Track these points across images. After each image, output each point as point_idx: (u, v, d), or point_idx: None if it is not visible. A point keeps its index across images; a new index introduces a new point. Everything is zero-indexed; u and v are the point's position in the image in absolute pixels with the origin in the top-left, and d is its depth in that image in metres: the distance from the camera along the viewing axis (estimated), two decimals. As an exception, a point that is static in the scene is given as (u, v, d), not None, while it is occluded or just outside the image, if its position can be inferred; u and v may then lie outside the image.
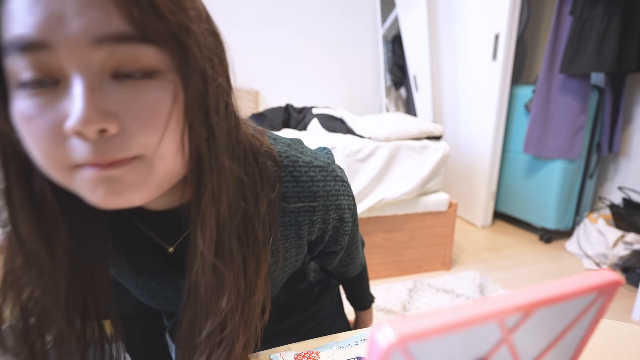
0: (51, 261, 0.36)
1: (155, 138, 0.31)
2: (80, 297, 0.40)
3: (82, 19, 0.28)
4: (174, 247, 0.47)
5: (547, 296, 0.21)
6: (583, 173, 2.28)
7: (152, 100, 0.31)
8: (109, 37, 0.28)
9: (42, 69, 0.29)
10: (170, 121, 0.32)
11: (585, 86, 2.08)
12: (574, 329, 0.26)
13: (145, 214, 0.43)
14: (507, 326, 0.21)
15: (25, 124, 0.30)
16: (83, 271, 0.40)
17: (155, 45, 0.30)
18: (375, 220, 1.76)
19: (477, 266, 2.02)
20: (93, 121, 0.28)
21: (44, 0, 0.27)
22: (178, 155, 0.34)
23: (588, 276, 0.24)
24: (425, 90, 2.78)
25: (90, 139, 0.29)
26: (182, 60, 0.32)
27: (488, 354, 0.22)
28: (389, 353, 0.17)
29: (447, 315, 0.18)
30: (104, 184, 0.31)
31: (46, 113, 0.29)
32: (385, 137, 1.70)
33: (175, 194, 0.41)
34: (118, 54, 0.29)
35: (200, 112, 0.34)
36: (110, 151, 0.30)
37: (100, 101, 0.29)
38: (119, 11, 0.28)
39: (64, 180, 0.32)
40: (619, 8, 1.87)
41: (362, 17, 3.07)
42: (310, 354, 0.55)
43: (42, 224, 0.35)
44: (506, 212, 2.61)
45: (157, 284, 0.49)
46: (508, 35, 2.24)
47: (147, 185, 0.33)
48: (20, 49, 0.28)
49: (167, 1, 0.30)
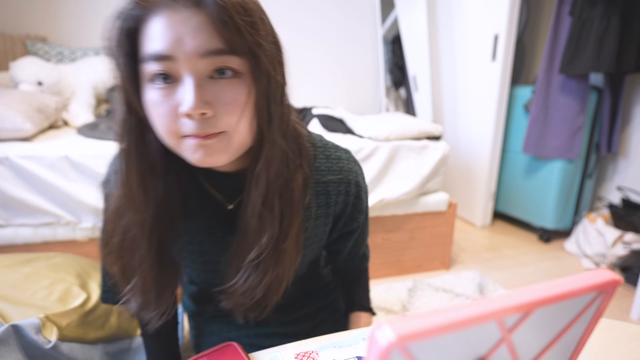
0: (144, 202, 0.51)
1: (235, 119, 0.46)
2: (157, 233, 0.54)
3: (195, 41, 0.43)
4: (233, 205, 0.60)
5: (546, 296, 0.21)
6: (582, 173, 2.28)
7: (234, 94, 0.46)
8: (211, 52, 0.44)
9: (166, 72, 0.44)
10: (245, 108, 0.47)
11: (584, 86, 2.08)
12: (573, 328, 0.26)
13: (216, 175, 0.58)
14: (507, 326, 0.21)
15: (154, 107, 0.46)
16: (163, 218, 0.54)
17: (238, 56, 0.45)
18: (375, 220, 1.77)
19: (477, 266, 2.02)
20: (198, 108, 0.43)
21: (171, 29, 0.43)
22: (248, 132, 0.49)
23: (587, 276, 0.24)
24: (424, 91, 2.78)
25: (195, 119, 0.45)
26: (255, 66, 0.46)
27: (487, 354, 0.22)
28: (388, 352, 0.17)
29: (446, 315, 0.18)
30: (202, 149, 0.47)
31: (167, 101, 0.45)
32: (385, 137, 1.70)
33: (239, 161, 0.55)
34: (215, 62, 0.44)
35: (264, 102, 0.48)
36: (206, 128, 0.45)
37: (202, 94, 0.44)
38: (217, 35, 0.43)
39: (174, 145, 0.48)
40: (618, 9, 1.87)
41: (362, 18, 3.07)
42: (310, 354, 0.56)
43: (145, 176, 0.51)
44: (505, 212, 2.61)
45: (209, 238, 0.62)
46: (507, 36, 2.24)
47: (228, 151, 0.48)
48: (155, 59, 0.44)
49: (247, 26, 0.44)
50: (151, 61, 0.44)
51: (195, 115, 0.44)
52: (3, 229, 1.35)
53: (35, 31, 2.40)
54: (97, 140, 1.48)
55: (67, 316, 0.87)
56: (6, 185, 1.29)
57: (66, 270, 1.03)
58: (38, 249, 1.38)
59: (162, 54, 0.43)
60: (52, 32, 2.44)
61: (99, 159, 1.35)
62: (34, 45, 2.27)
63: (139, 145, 0.50)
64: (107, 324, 0.96)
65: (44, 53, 2.27)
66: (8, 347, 0.76)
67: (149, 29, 0.44)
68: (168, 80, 0.45)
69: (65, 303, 0.90)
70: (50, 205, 1.34)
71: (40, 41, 2.35)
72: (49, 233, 1.39)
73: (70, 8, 2.45)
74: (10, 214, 1.33)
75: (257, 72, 0.46)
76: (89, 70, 2.10)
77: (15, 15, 2.36)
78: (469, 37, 2.51)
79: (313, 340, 0.59)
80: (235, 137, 0.48)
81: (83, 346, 0.87)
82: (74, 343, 0.85)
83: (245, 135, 0.48)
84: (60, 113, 1.78)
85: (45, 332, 0.80)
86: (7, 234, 1.35)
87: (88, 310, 0.93)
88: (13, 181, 1.30)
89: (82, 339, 0.87)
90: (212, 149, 0.47)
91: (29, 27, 2.39)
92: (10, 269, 0.97)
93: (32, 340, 0.78)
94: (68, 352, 0.82)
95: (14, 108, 1.39)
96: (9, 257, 1.06)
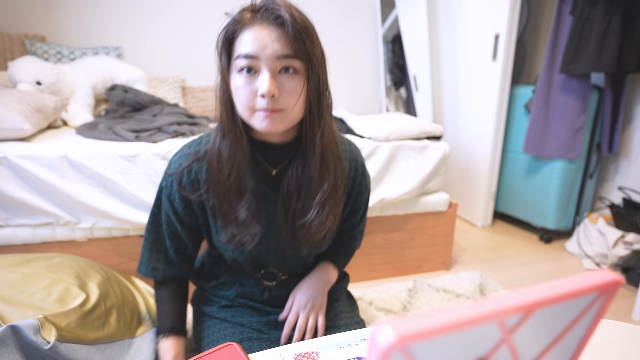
0: (231, 156, 0.74)
1: (292, 102, 0.68)
2: (236, 179, 0.75)
3: (273, 48, 0.65)
4: (277, 171, 0.79)
5: (547, 296, 0.21)
6: (583, 173, 2.28)
7: (293, 85, 0.67)
8: (283, 56, 0.65)
9: (250, 66, 0.66)
10: (300, 96, 0.68)
11: (585, 86, 2.07)
12: (574, 329, 0.26)
13: (267, 146, 0.77)
14: (507, 326, 0.21)
15: (239, 89, 0.68)
16: (240, 168, 0.75)
17: (299, 60, 0.67)
18: (375, 220, 1.76)
19: (477, 266, 2.02)
20: (270, 92, 0.65)
21: (258, 39, 0.65)
22: (300, 112, 0.71)
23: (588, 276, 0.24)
24: (425, 90, 2.78)
25: (267, 98, 0.66)
26: (309, 67, 0.68)
27: (488, 354, 0.22)
28: (389, 353, 0.17)
29: (447, 316, 0.18)
30: (268, 119, 0.68)
31: (249, 85, 0.67)
32: (385, 137, 1.70)
33: (286, 134, 0.77)
34: (283, 63, 0.66)
35: (314, 92, 0.70)
36: (273, 105, 0.67)
37: (274, 83, 0.66)
38: (288, 45, 0.65)
39: (248, 117, 0.70)
40: (619, 8, 1.87)
41: (362, 17, 3.07)
42: (310, 354, 0.55)
43: (238, 136, 0.73)
44: (506, 212, 2.61)
45: (257, 194, 0.78)
46: (508, 35, 2.24)
47: (284, 123, 0.70)
48: (244, 57, 0.66)
49: (307, 41, 0.66)
50: (242, 58, 0.66)
51: (267, 96, 0.65)
52: (2, 229, 1.35)
53: (34, 31, 2.40)
54: (96, 140, 1.48)
55: (66, 317, 0.87)
56: (5, 185, 1.28)
57: (65, 271, 1.02)
58: (37, 249, 1.38)
59: (250, 55, 0.65)
60: (51, 32, 2.45)
61: (97, 159, 1.34)
62: (33, 45, 2.27)
63: (229, 114, 0.72)
64: (107, 325, 0.96)
65: (42, 53, 2.28)
66: (6, 348, 0.76)
67: (243, 37, 0.66)
68: (251, 72, 0.66)
69: (64, 303, 0.90)
70: (49, 206, 1.34)
71: (39, 41, 2.35)
72: (47, 233, 1.38)
73: (69, 8, 2.45)
74: (8, 214, 1.33)
75: (310, 72, 0.68)
76: (87, 70, 2.10)
77: (14, 15, 2.36)
78: (469, 36, 2.51)
79: (313, 341, 0.58)
80: (290, 114, 0.69)
81: (82, 347, 0.86)
82: (73, 344, 0.84)
83: (297, 114, 0.70)
84: (59, 113, 1.78)
85: (44, 332, 0.80)
86: (6, 234, 1.34)
87: (87, 310, 0.92)
88: (12, 181, 1.30)
89: (81, 339, 0.86)
90: (275, 120, 0.68)
91: (27, 26, 2.39)
92: (8, 270, 0.97)
93: (31, 341, 0.77)
94: (67, 353, 0.82)
95: (12, 108, 1.39)
96: (8, 258, 1.06)
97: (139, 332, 1.05)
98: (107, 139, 1.48)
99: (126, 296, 1.12)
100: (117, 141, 1.46)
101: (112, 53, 2.48)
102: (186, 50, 2.72)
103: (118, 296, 1.07)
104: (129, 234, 1.47)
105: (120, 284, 1.15)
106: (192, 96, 2.63)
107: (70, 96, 2.00)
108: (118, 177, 1.37)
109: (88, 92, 2.06)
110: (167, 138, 1.52)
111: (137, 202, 1.39)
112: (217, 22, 0.71)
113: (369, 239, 1.77)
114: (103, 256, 1.45)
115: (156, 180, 1.38)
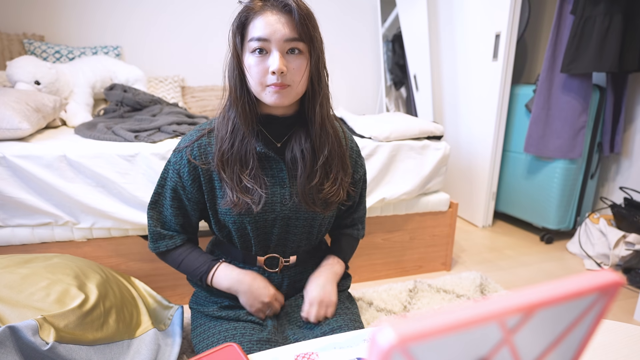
0: (237, 125, 0.82)
1: (298, 79, 0.78)
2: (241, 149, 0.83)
3: (282, 32, 0.75)
4: (281, 143, 0.88)
5: (548, 297, 0.21)
6: (584, 173, 2.27)
7: (299, 63, 0.78)
8: (291, 39, 0.76)
9: (262, 47, 0.76)
10: (304, 73, 0.79)
11: (586, 86, 2.07)
12: (575, 329, 0.25)
13: (272, 119, 0.86)
14: (508, 327, 0.21)
15: (252, 67, 0.77)
16: (246, 136, 0.83)
17: (304, 42, 0.77)
18: (375, 220, 1.76)
19: (478, 267, 2.01)
20: (280, 69, 0.75)
21: (269, 24, 0.75)
22: (303, 88, 0.81)
23: (589, 277, 0.23)
24: (425, 90, 2.78)
25: (276, 75, 0.76)
26: (312, 48, 0.78)
27: (489, 355, 0.22)
28: (389, 354, 0.17)
29: (447, 316, 0.18)
30: (277, 94, 0.78)
31: (261, 64, 0.77)
32: (386, 137, 1.70)
33: (291, 108, 0.86)
34: (291, 44, 0.76)
35: (315, 70, 0.80)
36: (282, 81, 0.77)
37: (282, 62, 0.75)
38: (295, 30, 0.76)
39: (259, 92, 0.79)
40: (620, 7, 1.86)
41: (362, 17, 3.06)
42: (310, 354, 0.55)
43: (246, 109, 0.82)
44: (507, 212, 2.60)
45: (263, 162, 0.87)
46: (509, 35, 2.24)
47: (290, 97, 0.80)
48: (257, 40, 0.75)
49: (310, 26, 0.77)
50: (255, 41, 0.76)
51: (277, 73, 0.75)
52: (0, 229, 1.34)
53: (32, 30, 2.40)
54: (95, 140, 1.48)
55: (65, 317, 0.87)
56: (3, 185, 1.28)
57: (64, 271, 1.02)
58: (35, 249, 1.38)
59: (262, 37, 0.75)
60: (50, 31, 2.45)
61: (96, 159, 1.34)
62: (32, 44, 2.27)
63: (243, 88, 0.81)
64: (106, 325, 0.95)
65: (41, 52, 2.27)
66: (5, 349, 0.75)
67: (256, 22, 0.76)
68: (262, 53, 0.76)
69: (63, 304, 0.90)
70: (48, 206, 1.34)
71: (38, 40, 2.35)
72: (46, 233, 1.38)
73: (68, 7, 2.46)
74: (7, 214, 1.32)
75: (312, 52, 0.79)
76: (87, 69, 2.09)
77: (12, 14, 2.36)
78: (470, 36, 2.51)
79: (313, 342, 0.58)
80: (295, 89, 0.79)
81: (81, 348, 0.86)
82: (72, 345, 0.84)
83: (301, 89, 0.81)
84: (58, 112, 1.77)
85: (42, 333, 0.80)
86: (5, 234, 1.34)
87: (86, 311, 0.92)
88: (10, 181, 1.29)
89: (80, 340, 0.86)
90: (283, 94, 0.78)
91: (26, 26, 2.39)
92: (7, 270, 0.96)
93: (29, 342, 0.77)
94: (66, 354, 0.82)
95: (11, 107, 1.39)
96: (6, 258, 1.05)
97: (138, 333, 1.04)
98: (106, 138, 1.48)
99: (125, 297, 1.11)
100: (116, 141, 1.46)
101: (111, 53, 2.48)
102: (186, 50, 2.72)
103: (117, 297, 1.07)
104: (128, 234, 1.47)
105: (119, 284, 1.15)
106: (192, 96, 2.63)
107: (69, 96, 2.00)
108: (117, 177, 1.36)
109: (87, 91, 2.06)
110: (167, 138, 1.51)
111: (137, 202, 1.39)
112: (217, 22, 0.81)
113: (369, 239, 1.77)
114: (102, 256, 1.45)
115: (155, 180, 1.38)
